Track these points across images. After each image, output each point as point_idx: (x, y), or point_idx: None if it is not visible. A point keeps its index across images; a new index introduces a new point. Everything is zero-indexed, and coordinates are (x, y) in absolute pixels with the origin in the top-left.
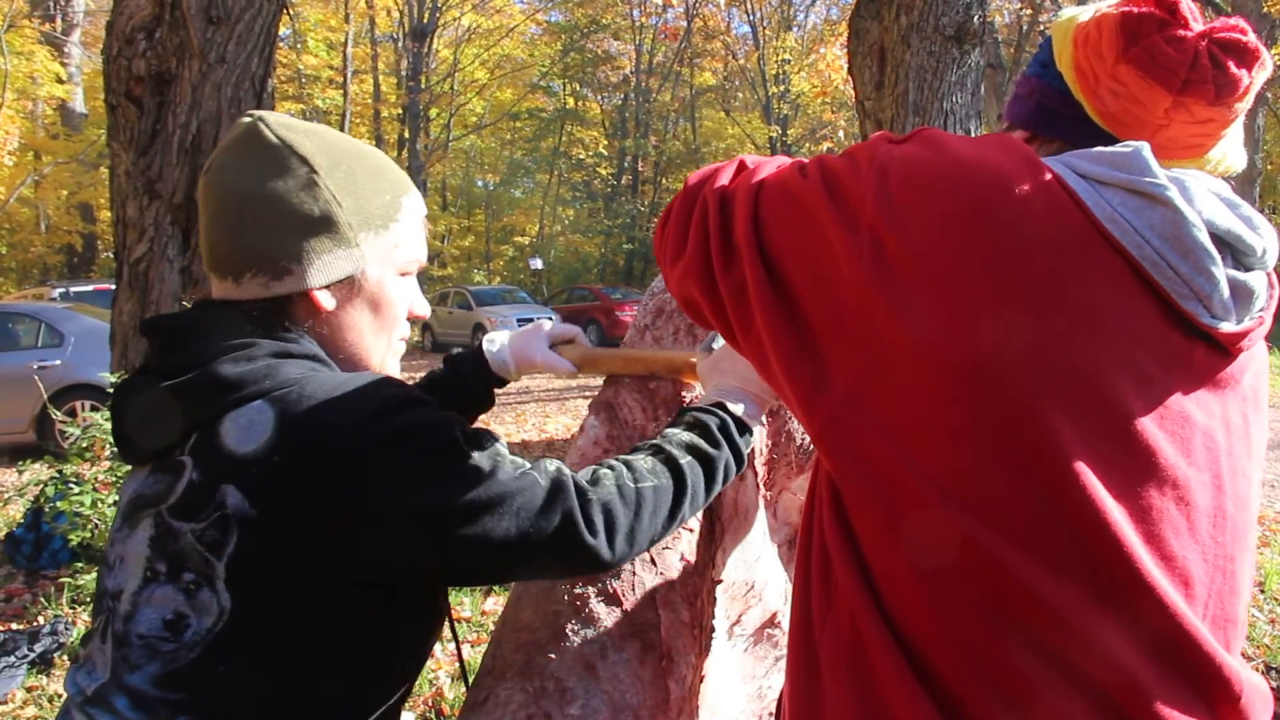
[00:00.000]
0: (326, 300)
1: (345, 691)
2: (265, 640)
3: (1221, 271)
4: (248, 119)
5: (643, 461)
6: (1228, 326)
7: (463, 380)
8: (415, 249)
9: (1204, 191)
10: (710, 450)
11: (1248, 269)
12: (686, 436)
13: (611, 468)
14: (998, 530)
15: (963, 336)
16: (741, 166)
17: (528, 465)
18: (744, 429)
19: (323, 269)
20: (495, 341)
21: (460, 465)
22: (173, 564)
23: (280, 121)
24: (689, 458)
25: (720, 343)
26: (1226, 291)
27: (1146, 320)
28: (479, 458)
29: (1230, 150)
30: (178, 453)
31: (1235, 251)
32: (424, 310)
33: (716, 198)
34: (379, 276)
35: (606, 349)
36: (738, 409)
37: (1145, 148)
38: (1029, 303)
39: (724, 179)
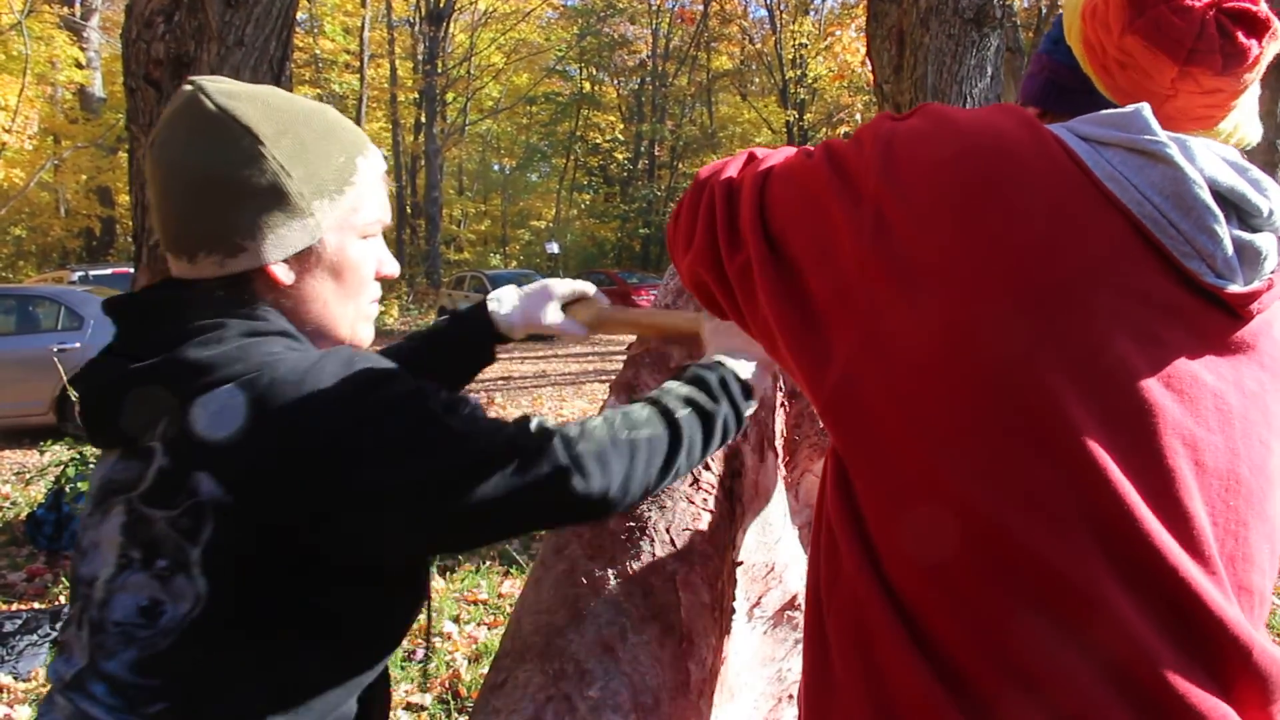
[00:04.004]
0: (284, 274)
1: (325, 674)
2: (243, 626)
3: (1225, 230)
4: (188, 88)
5: (639, 411)
6: (1235, 287)
7: (464, 338)
8: (375, 209)
9: (1206, 151)
10: (708, 405)
11: (1254, 230)
12: (685, 390)
13: (605, 419)
14: (999, 493)
15: (961, 300)
16: (750, 158)
17: (506, 424)
18: (745, 388)
19: (277, 243)
20: (503, 301)
21: (440, 435)
22: (146, 551)
23: (221, 89)
24: (686, 410)
25: None
26: (1230, 250)
27: (1150, 280)
28: (458, 424)
29: (1243, 122)
30: (147, 438)
31: (1240, 212)
32: (393, 269)
33: (724, 186)
34: (338, 243)
35: (618, 309)
36: (735, 366)
37: (1145, 107)
38: (1028, 263)
39: (732, 170)
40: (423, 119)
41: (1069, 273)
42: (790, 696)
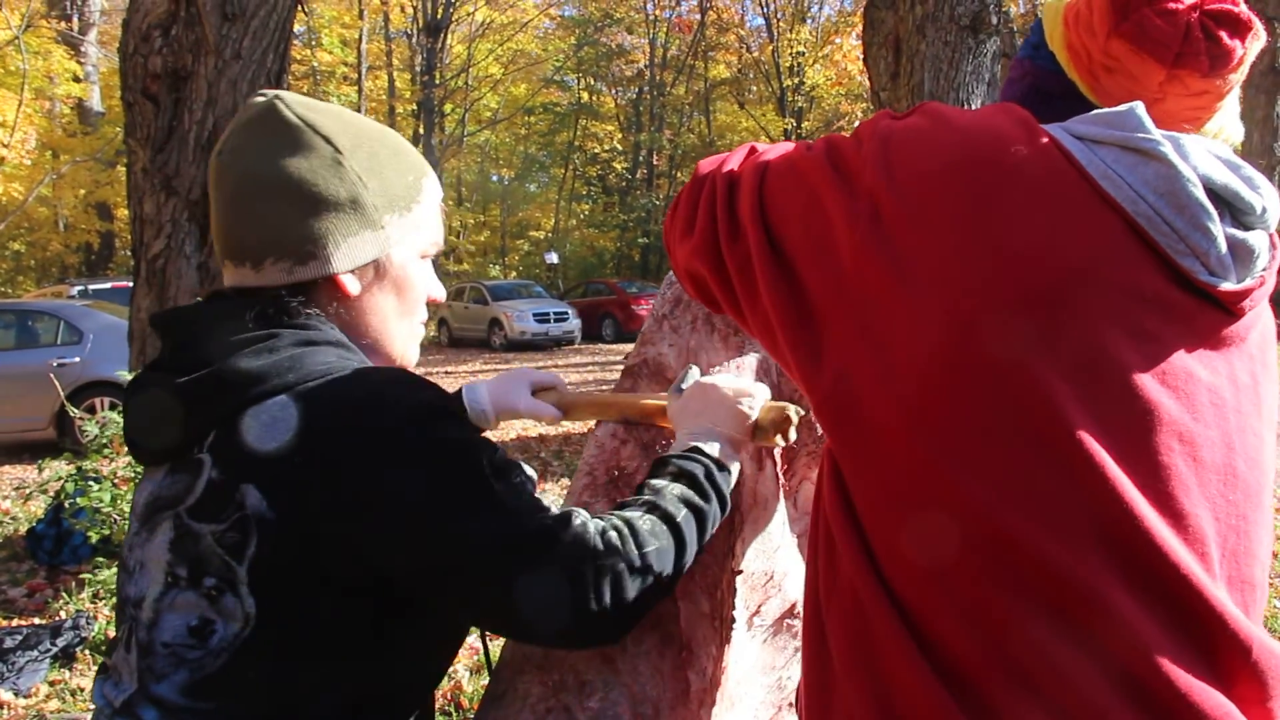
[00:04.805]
0: (352, 284)
1: (378, 695)
2: (294, 645)
3: (1219, 228)
4: (262, 98)
5: (643, 522)
6: (1227, 285)
7: None
8: (435, 232)
9: (1200, 149)
10: (701, 503)
11: (1247, 228)
12: (678, 489)
13: (618, 531)
14: (997, 493)
15: (954, 293)
16: (751, 151)
17: (552, 511)
18: (724, 471)
19: (349, 252)
20: (477, 391)
21: (486, 498)
22: (194, 569)
23: (298, 100)
24: (684, 512)
25: (688, 383)
26: (1224, 248)
27: (1144, 277)
28: (506, 493)
29: (1227, 123)
30: (196, 450)
31: (1234, 209)
32: (440, 294)
33: (725, 178)
34: (403, 260)
35: (583, 394)
36: (714, 451)
37: (1139, 106)
38: (1021, 258)
39: (733, 163)
40: (421, 130)
41: (1064, 271)
42: (790, 705)
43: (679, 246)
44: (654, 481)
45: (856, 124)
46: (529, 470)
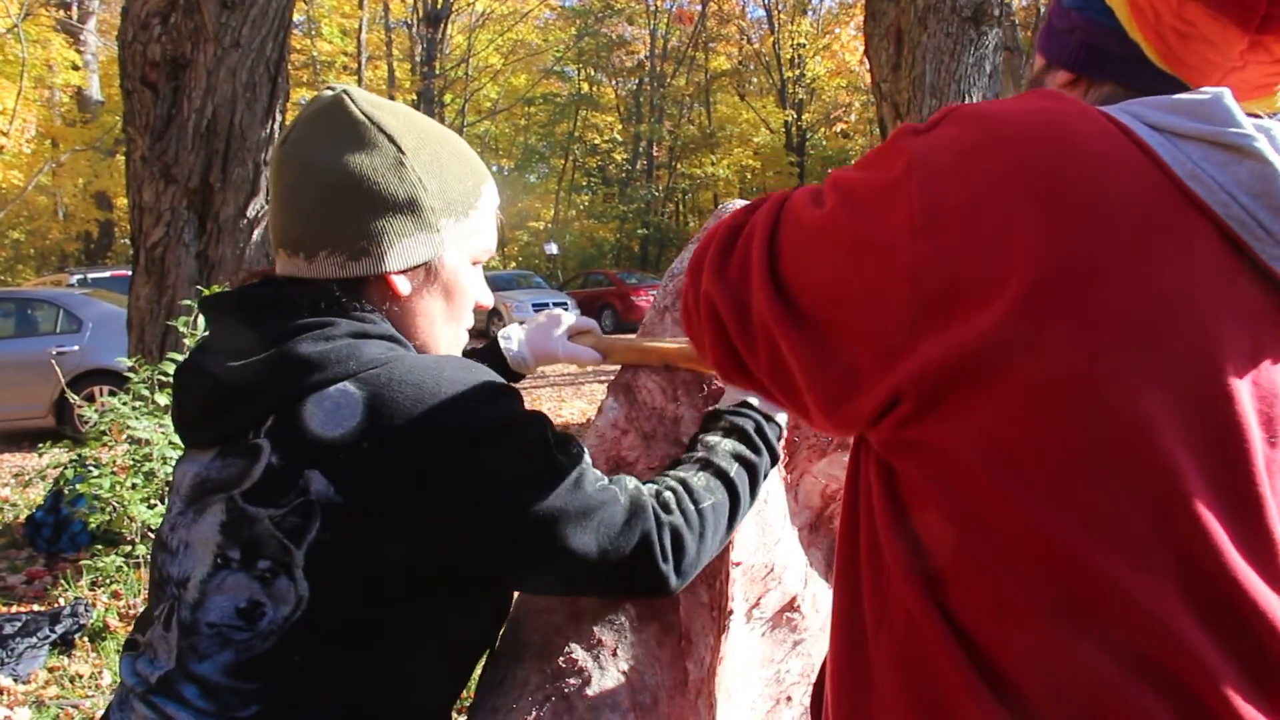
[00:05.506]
0: (403, 284)
1: (417, 681)
2: (342, 630)
3: None
4: (330, 92)
5: (697, 479)
6: None
7: None
8: (489, 239)
9: None
10: (753, 457)
11: None
12: (729, 445)
13: (673, 490)
14: (1076, 520)
15: (1041, 325)
16: (734, 229)
17: (608, 480)
18: (773, 424)
19: (403, 252)
20: (511, 338)
21: (551, 468)
22: (247, 551)
23: (366, 97)
24: (736, 466)
25: None
26: None
27: (1237, 286)
28: (568, 463)
29: None
30: (252, 435)
31: None
32: (489, 300)
33: (724, 290)
34: (455, 264)
35: (621, 338)
36: (764, 406)
37: (1226, 94)
38: (1116, 278)
39: (721, 257)
40: None
41: (1154, 286)
42: (788, 699)
43: (703, 355)
44: (707, 438)
45: (854, 118)
46: (581, 444)
